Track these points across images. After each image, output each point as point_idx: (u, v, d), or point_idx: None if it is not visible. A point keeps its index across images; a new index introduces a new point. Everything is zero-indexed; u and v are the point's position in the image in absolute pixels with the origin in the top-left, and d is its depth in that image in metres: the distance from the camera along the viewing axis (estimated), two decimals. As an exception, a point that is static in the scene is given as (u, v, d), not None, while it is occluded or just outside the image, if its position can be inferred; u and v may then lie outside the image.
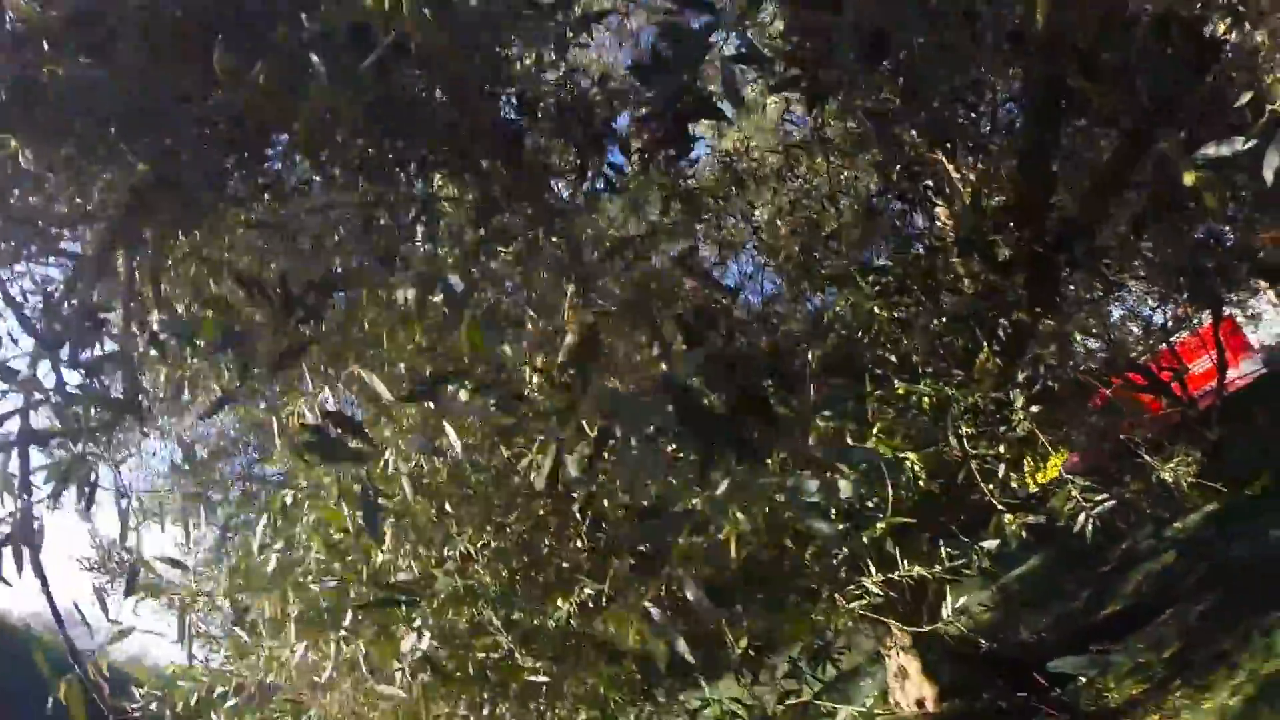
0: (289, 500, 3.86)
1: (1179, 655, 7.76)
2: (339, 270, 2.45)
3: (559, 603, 4.42)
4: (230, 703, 5.49)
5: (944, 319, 4.64)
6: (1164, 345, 12.61)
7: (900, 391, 4.09)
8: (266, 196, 2.72)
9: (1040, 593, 11.67)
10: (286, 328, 2.29)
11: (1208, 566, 9.48)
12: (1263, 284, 14.34)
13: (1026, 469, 6.71)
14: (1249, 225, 9.29)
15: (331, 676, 4.69)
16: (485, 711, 4.79)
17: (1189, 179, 2.48)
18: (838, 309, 4.96)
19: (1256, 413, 12.46)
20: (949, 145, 5.15)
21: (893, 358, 4.55)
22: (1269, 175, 2.46)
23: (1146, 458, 6.99)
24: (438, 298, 2.27)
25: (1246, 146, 2.39)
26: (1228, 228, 9.05)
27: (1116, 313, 11.32)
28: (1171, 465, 7.21)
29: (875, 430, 3.89)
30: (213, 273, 2.61)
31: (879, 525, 3.90)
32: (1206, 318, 13.04)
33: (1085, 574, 11.14)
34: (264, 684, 5.32)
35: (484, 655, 4.69)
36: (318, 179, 2.55)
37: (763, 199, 6.02)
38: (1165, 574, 10.13)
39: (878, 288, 4.49)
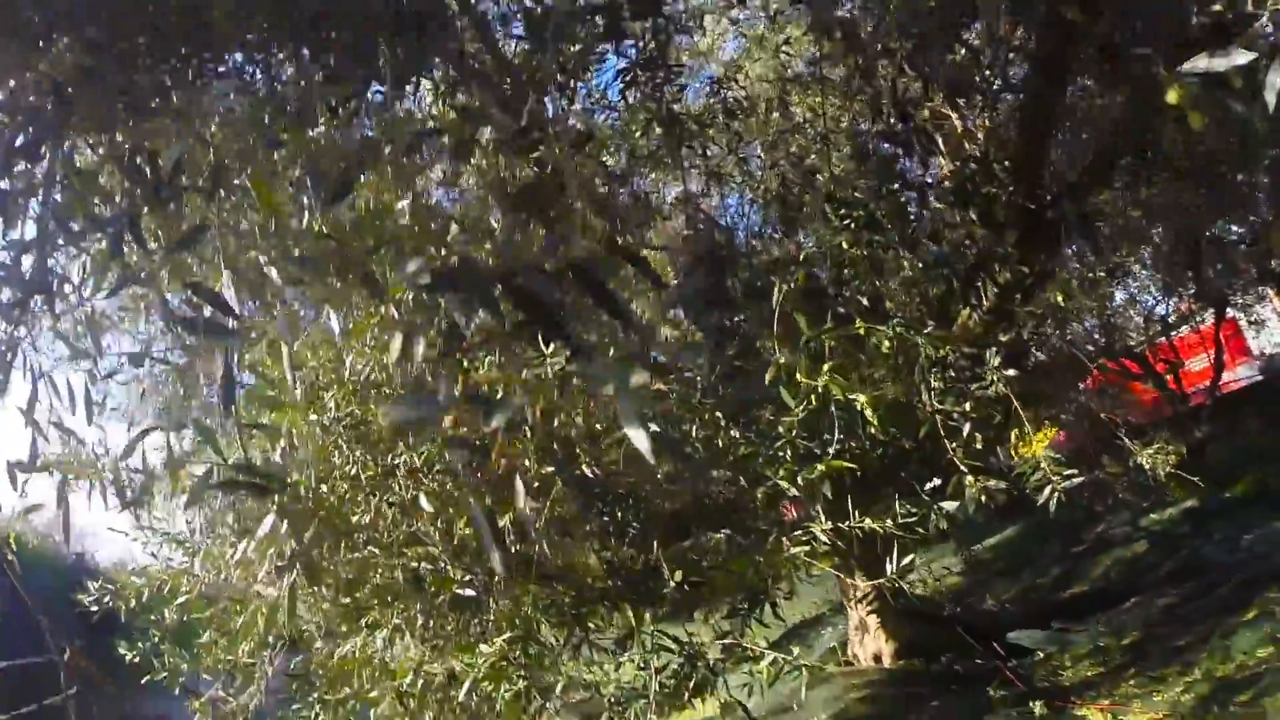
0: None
1: (1138, 644, 7.45)
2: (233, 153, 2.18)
3: (499, 520, 4.17)
4: (180, 600, 5.36)
5: (920, 264, 4.28)
6: (1163, 337, 12.20)
7: (859, 332, 3.74)
8: (179, 90, 2.46)
9: (1011, 563, 11.40)
10: (160, 205, 2.05)
11: (1179, 561, 9.16)
12: (1270, 291, 13.87)
13: (1012, 441, 6.36)
14: (1266, 228, 8.85)
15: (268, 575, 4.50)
16: (420, 623, 4.58)
17: (1172, 96, 2.09)
18: (811, 245, 4.60)
19: (1246, 417, 12.05)
20: (951, 92, 4.75)
21: (863, 299, 4.20)
22: (1270, 98, 2.07)
23: (1125, 441, 6.62)
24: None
25: (1244, 61, 2.00)
26: (1237, 227, 8.62)
27: (1119, 296, 10.92)
28: (1150, 453, 6.86)
29: (827, 368, 3.55)
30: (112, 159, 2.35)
31: (819, 467, 3.58)
32: (1209, 317, 12.63)
33: (1058, 551, 10.85)
34: (214, 581, 5.18)
35: (417, 565, 4.48)
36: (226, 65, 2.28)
37: (752, 131, 5.61)
38: (1136, 562, 9.83)
39: (848, 223, 4.12)
